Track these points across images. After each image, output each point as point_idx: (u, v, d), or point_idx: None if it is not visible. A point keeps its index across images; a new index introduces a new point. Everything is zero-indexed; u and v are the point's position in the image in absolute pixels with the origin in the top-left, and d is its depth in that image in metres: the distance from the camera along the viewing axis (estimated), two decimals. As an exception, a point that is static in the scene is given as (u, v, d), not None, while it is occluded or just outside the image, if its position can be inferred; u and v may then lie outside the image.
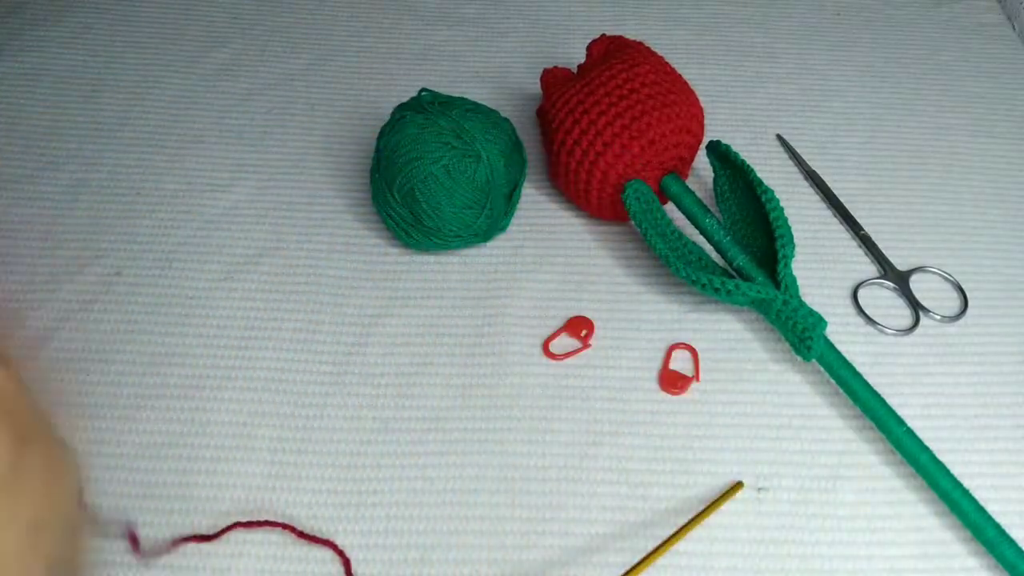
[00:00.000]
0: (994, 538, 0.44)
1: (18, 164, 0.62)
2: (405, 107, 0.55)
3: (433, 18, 0.74)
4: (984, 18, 0.76)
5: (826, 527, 0.46)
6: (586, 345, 0.53)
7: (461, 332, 0.54)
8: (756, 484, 0.47)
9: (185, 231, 0.58)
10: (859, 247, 0.59)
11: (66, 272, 0.56)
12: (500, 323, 0.54)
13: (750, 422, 0.50)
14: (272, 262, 0.57)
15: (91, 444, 0.48)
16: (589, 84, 0.55)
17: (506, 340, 0.53)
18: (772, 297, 0.50)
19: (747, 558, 0.45)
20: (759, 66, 0.71)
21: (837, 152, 0.65)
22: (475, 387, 0.51)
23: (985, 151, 0.65)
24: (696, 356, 0.53)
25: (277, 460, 0.48)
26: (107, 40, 0.71)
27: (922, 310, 0.55)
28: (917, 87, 0.70)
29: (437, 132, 0.52)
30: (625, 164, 0.54)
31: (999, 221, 0.61)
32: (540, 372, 0.52)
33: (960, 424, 0.50)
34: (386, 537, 0.45)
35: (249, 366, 0.52)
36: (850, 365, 0.49)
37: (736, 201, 0.56)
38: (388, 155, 0.53)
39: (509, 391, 0.51)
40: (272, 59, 0.70)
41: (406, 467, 0.48)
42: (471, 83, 0.69)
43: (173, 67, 0.69)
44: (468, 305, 0.55)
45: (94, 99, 0.66)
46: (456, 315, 0.54)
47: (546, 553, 0.45)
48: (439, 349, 0.53)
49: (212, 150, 0.63)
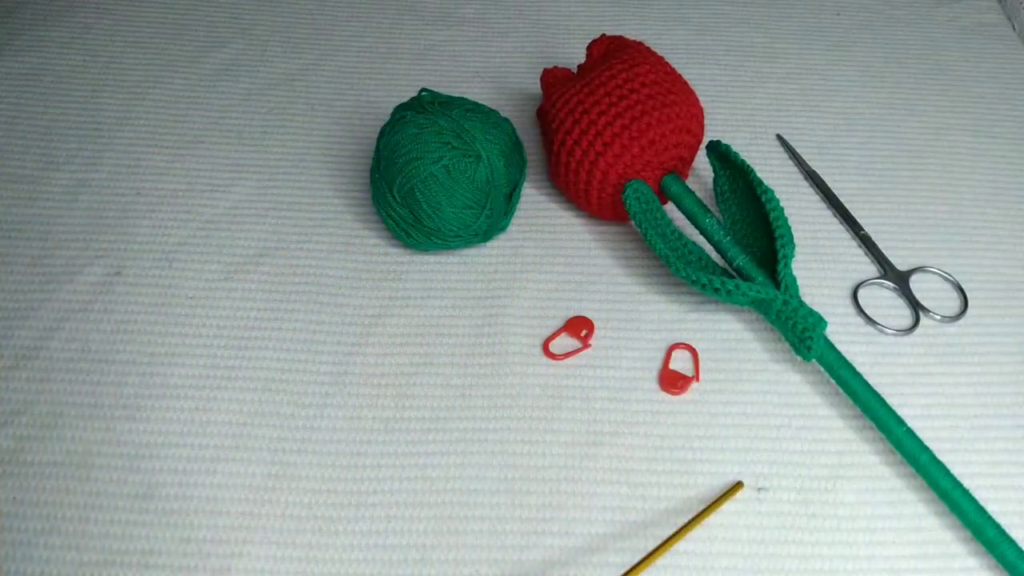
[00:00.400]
0: (994, 538, 0.44)
1: (18, 164, 0.62)
2: (405, 107, 0.55)
3: (433, 18, 0.74)
4: (984, 18, 0.76)
5: (826, 527, 0.46)
6: (586, 345, 0.53)
7: (461, 332, 0.54)
8: (756, 484, 0.47)
9: (185, 231, 0.58)
10: (859, 247, 0.59)
11: (66, 272, 0.56)
12: (500, 323, 0.54)
13: (750, 422, 0.50)
14: (272, 262, 0.57)
15: (91, 444, 0.48)
16: (589, 84, 0.55)
17: (506, 340, 0.53)
18: (772, 297, 0.50)
19: (747, 558, 0.45)
20: (759, 66, 0.71)
21: (837, 152, 0.65)
22: (475, 387, 0.51)
23: (985, 151, 0.65)
24: (696, 356, 0.53)
25: (277, 460, 0.48)
26: (107, 40, 0.71)
27: (922, 310, 0.55)
28: (917, 87, 0.70)
29: (437, 132, 0.52)
30: (625, 164, 0.54)
31: (999, 221, 0.61)
32: (540, 372, 0.52)
33: (960, 424, 0.50)
34: (386, 537, 0.45)
35: (249, 366, 0.52)
36: (850, 365, 0.49)
37: (736, 201, 0.56)
38: (388, 155, 0.53)
39: (509, 391, 0.51)
40: (272, 59, 0.70)
41: (406, 467, 0.48)
42: (471, 83, 0.69)
43: (173, 67, 0.69)
44: (468, 305, 0.55)
45: (94, 99, 0.66)
46: (456, 315, 0.54)
47: (546, 553, 0.45)
48: (439, 349, 0.53)
49: (212, 150, 0.63)
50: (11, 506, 0.46)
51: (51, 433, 0.49)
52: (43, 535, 0.45)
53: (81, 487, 0.47)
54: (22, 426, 0.49)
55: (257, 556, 0.44)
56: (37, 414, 0.49)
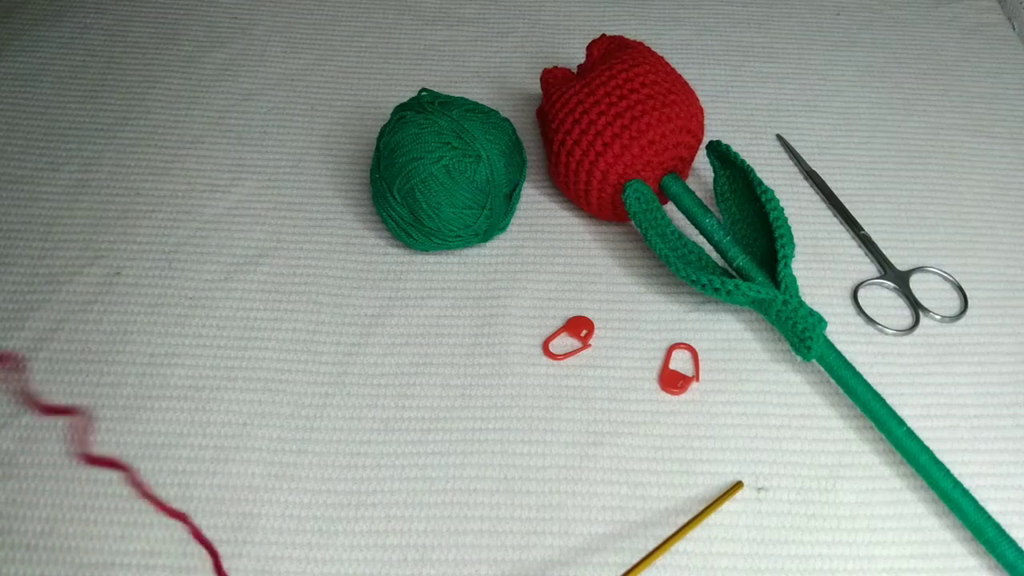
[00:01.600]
0: (994, 538, 0.44)
1: (18, 164, 0.62)
2: (405, 107, 0.55)
3: (433, 18, 0.74)
4: (984, 18, 0.76)
5: (826, 527, 0.46)
6: (586, 345, 0.53)
7: (461, 332, 0.54)
8: (756, 484, 0.47)
9: (185, 231, 0.58)
10: (859, 247, 0.59)
11: (66, 272, 0.56)
12: (500, 323, 0.54)
13: (750, 422, 0.50)
14: (272, 262, 0.57)
15: (91, 445, 0.48)
16: (589, 84, 0.55)
17: (506, 340, 0.53)
18: (772, 297, 0.50)
19: (747, 558, 0.45)
20: (759, 66, 0.71)
21: (837, 152, 0.65)
22: (475, 387, 0.51)
23: (985, 151, 0.65)
24: (696, 356, 0.53)
25: (277, 460, 0.48)
26: (107, 40, 0.71)
27: (922, 310, 0.55)
28: (917, 87, 0.70)
29: (437, 132, 0.52)
30: (625, 164, 0.54)
31: (999, 221, 0.61)
32: (540, 372, 0.52)
33: (960, 424, 0.50)
34: (386, 537, 0.45)
35: (249, 366, 0.52)
36: (850, 365, 0.49)
37: (736, 201, 0.56)
38: (388, 155, 0.53)
39: (509, 391, 0.51)
40: (272, 59, 0.70)
41: (406, 467, 0.48)
42: (471, 83, 0.69)
43: (173, 67, 0.69)
44: (468, 305, 0.55)
45: (94, 99, 0.66)
46: (456, 315, 0.54)
47: (546, 553, 0.45)
48: (439, 349, 0.53)
49: (212, 150, 0.63)
50: (11, 507, 0.46)
51: (51, 434, 0.48)
52: (43, 536, 0.45)
53: (81, 488, 0.47)
54: (22, 427, 0.49)
55: (257, 556, 0.44)
56: (37, 416, 0.49)
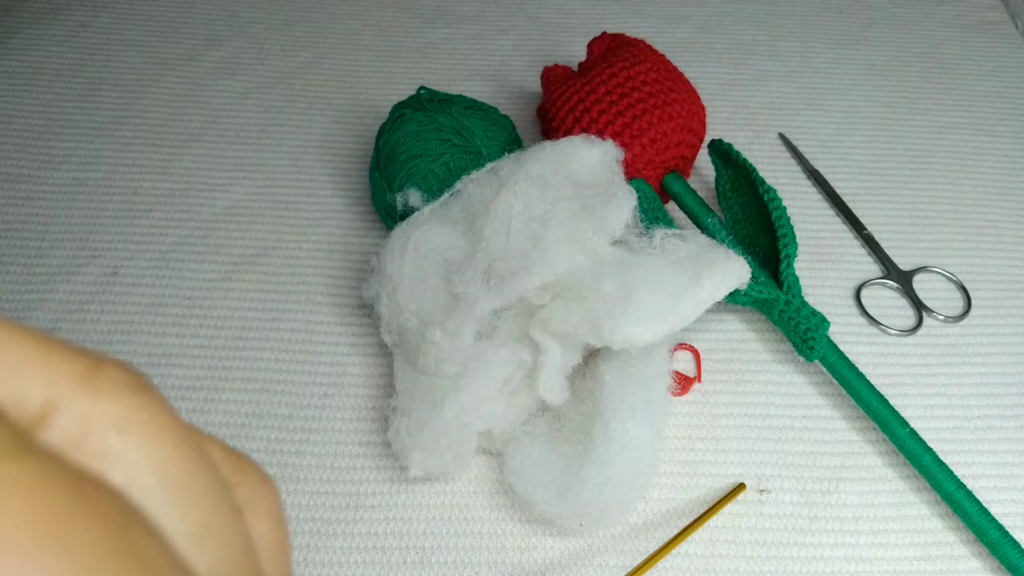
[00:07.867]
0: (998, 540, 0.43)
1: (14, 163, 0.61)
2: (404, 105, 0.54)
3: (432, 15, 0.74)
4: (987, 16, 0.75)
5: (829, 529, 0.46)
6: (587, 345, 0.53)
7: (461, 332, 0.53)
8: (759, 486, 0.47)
9: (182, 230, 0.58)
10: (862, 247, 0.59)
11: (63, 272, 0.55)
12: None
13: (752, 423, 0.50)
14: (270, 261, 0.56)
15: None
16: (590, 82, 0.55)
17: (506, 340, 0.53)
18: (774, 297, 0.50)
19: (749, 560, 0.44)
20: (761, 64, 0.71)
21: (840, 151, 0.64)
22: (475, 388, 0.51)
23: (988, 150, 0.65)
24: (698, 357, 0.52)
25: (277, 461, 0.47)
26: (104, 38, 0.70)
27: (925, 310, 0.55)
28: (920, 85, 0.69)
29: (437, 129, 0.52)
30: (626, 163, 0.53)
31: (1003, 220, 0.60)
32: (541, 373, 0.51)
33: (963, 425, 0.50)
34: (386, 539, 0.45)
35: (248, 367, 0.51)
36: (853, 366, 0.49)
37: (738, 200, 0.55)
38: (388, 153, 0.53)
39: (509, 392, 0.51)
40: (270, 57, 0.70)
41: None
42: (471, 81, 0.68)
43: (170, 65, 0.69)
44: (468, 305, 0.55)
45: (91, 98, 0.66)
46: (456, 315, 0.54)
47: (546, 554, 0.45)
48: (439, 349, 0.52)
49: (210, 149, 0.63)
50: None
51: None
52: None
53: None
54: (18, 427, 0.48)
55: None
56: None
